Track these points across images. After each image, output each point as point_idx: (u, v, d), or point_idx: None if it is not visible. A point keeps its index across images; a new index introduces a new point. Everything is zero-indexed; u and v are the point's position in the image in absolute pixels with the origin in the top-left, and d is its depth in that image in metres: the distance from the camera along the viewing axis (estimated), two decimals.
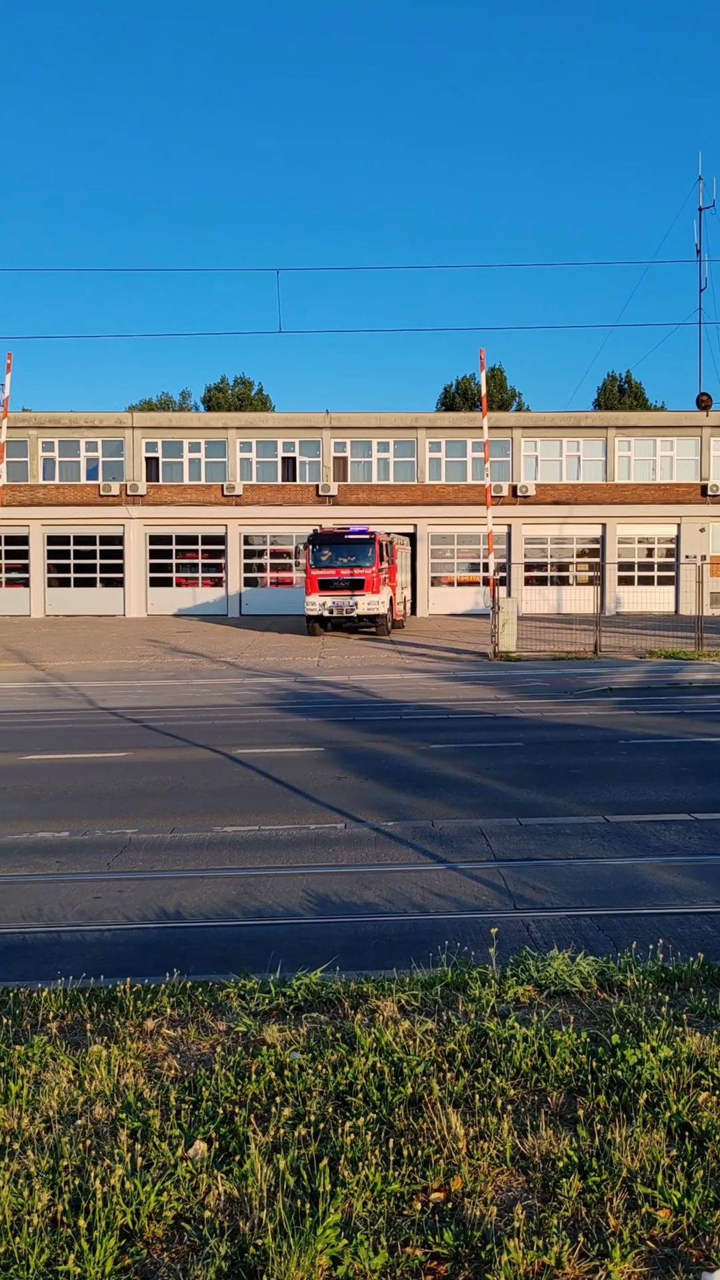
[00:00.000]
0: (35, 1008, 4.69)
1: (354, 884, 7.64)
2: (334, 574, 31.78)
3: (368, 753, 13.13)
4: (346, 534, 32.54)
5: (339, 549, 32.20)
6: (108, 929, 6.73)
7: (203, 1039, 4.22)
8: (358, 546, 32.11)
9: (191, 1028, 4.32)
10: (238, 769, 12.20)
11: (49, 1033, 4.31)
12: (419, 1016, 4.32)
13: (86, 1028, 4.37)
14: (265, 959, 6.03)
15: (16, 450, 43.14)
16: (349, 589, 31.62)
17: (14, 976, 5.86)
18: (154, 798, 10.78)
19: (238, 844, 8.88)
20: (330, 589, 31.64)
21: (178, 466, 44.68)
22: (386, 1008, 4.37)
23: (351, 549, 32.14)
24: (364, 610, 31.52)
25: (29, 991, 4.94)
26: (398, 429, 44.98)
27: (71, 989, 4.90)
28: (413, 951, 6.11)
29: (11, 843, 9.05)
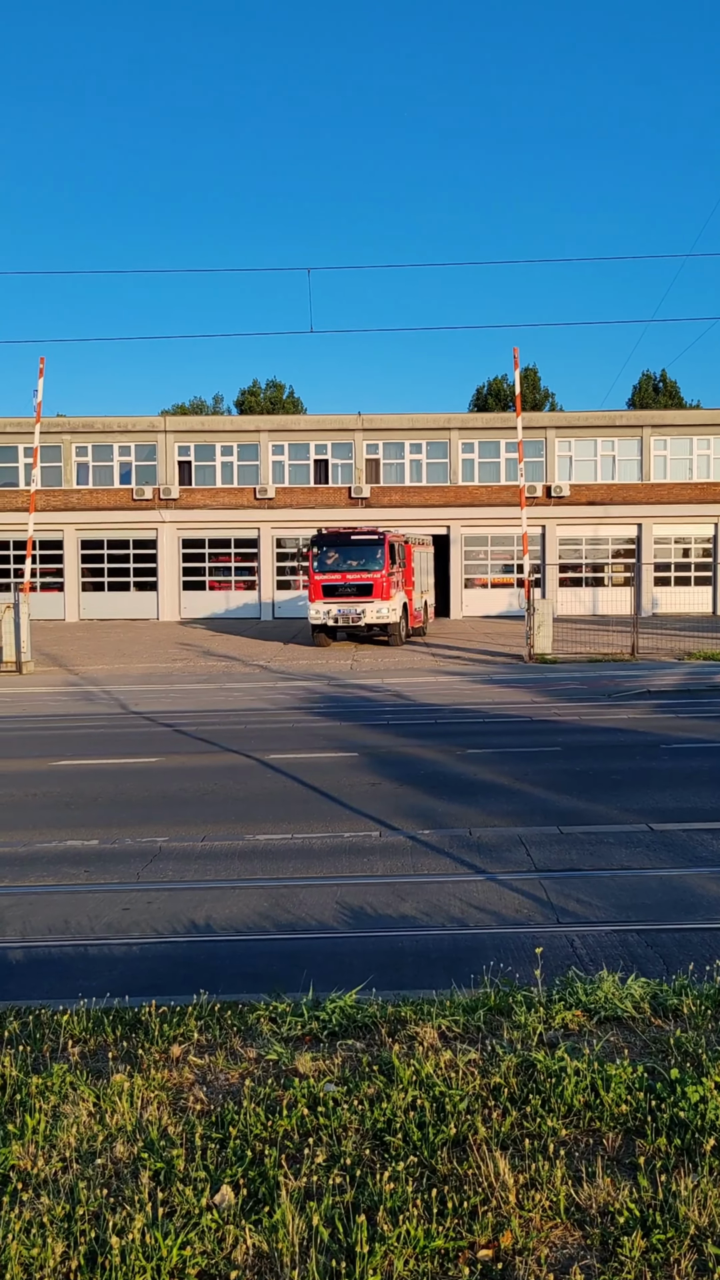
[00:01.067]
0: (57, 1031, 4.46)
1: (390, 896, 7.36)
2: (339, 578, 28.95)
3: (403, 758, 12.85)
4: (353, 535, 29.80)
5: (345, 551, 29.42)
6: (135, 943, 6.51)
7: (231, 1068, 3.96)
8: (365, 548, 29.25)
9: (220, 1055, 4.06)
10: (270, 775, 11.97)
11: (69, 1060, 4.07)
12: (461, 1045, 4.03)
13: (109, 1054, 4.13)
14: (298, 976, 5.77)
15: (51, 455, 43.33)
16: (356, 595, 28.77)
17: (38, 994, 5.65)
18: (185, 805, 10.57)
19: (270, 853, 8.63)
20: (335, 595, 28.80)
21: (210, 470, 44.66)
22: (426, 1034, 4.09)
23: (358, 551, 29.32)
24: (373, 618, 28.73)
25: (51, 1013, 4.72)
26: (430, 430, 44.68)
27: (95, 1010, 4.67)
28: (452, 969, 5.83)
29: (40, 851, 8.87)
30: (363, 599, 28.66)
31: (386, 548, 28.86)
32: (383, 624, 28.95)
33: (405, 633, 30.22)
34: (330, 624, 28.92)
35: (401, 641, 29.45)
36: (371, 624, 28.76)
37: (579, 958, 5.95)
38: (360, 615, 28.59)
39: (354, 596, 28.69)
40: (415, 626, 31.90)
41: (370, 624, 28.74)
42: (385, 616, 28.77)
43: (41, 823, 9.92)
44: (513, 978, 5.37)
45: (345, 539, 29.56)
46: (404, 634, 29.97)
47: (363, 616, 28.58)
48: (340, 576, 28.96)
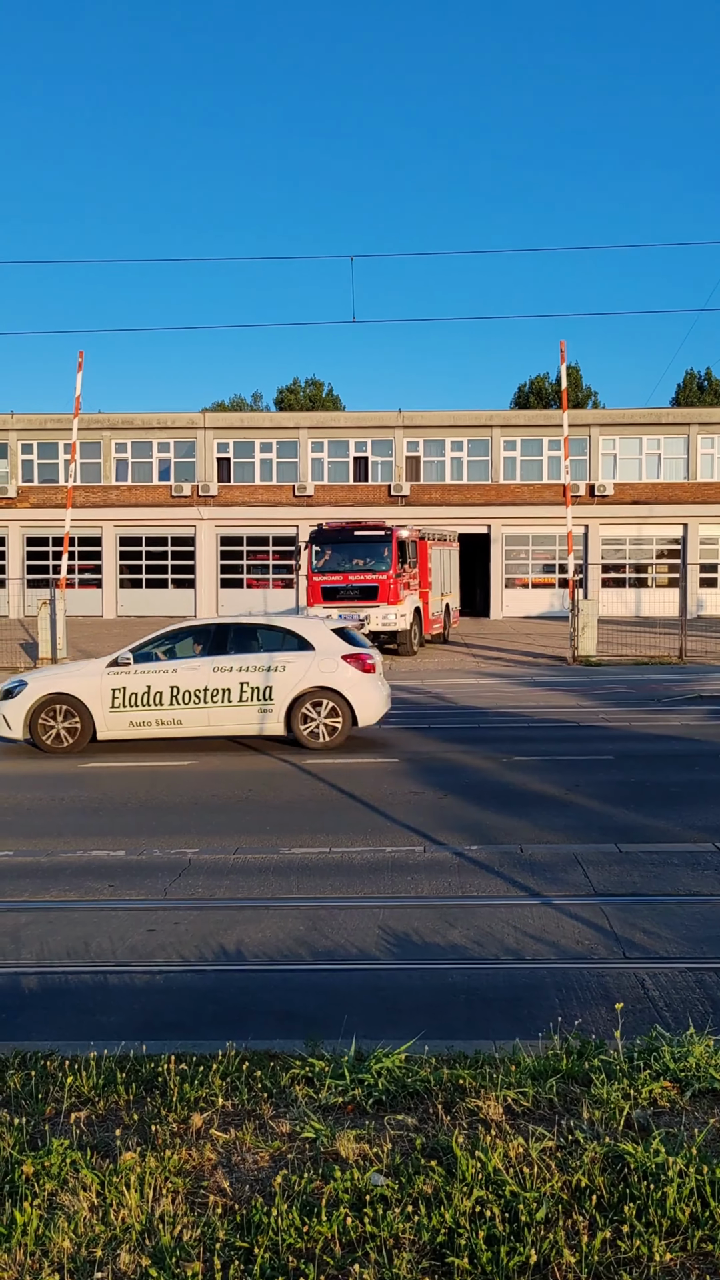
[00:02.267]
0: (63, 1087, 3.90)
1: (437, 920, 6.75)
2: (340, 580, 25.50)
3: (446, 764, 12.23)
4: (356, 530, 26.23)
5: (347, 549, 25.93)
6: (160, 970, 5.95)
7: (261, 1146, 3.37)
8: (370, 546, 25.69)
9: (248, 1128, 3.48)
10: (307, 781, 11.40)
11: (74, 1130, 3.50)
12: (532, 1126, 3.42)
13: (121, 1120, 3.57)
14: (337, 1017, 5.18)
15: (90, 452, 43.15)
16: (359, 599, 25.00)
17: (52, 1031, 5.11)
18: (217, 812, 10.02)
19: (306, 868, 8.06)
20: (336, 599, 25.10)
21: (249, 467, 44.25)
22: (490, 1109, 3.49)
23: (363, 549, 25.79)
24: (377, 625, 24.78)
25: (59, 1062, 4.16)
26: (472, 428, 43.96)
27: (108, 1061, 4.11)
28: (509, 1012, 5.22)
29: (64, 862, 8.36)
30: (367, 603, 24.96)
31: (395, 545, 25.49)
32: (390, 631, 25.35)
33: (419, 640, 26.87)
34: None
35: (413, 651, 26.03)
36: (377, 632, 24.93)
37: (651, 1000, 5.30)
38: (364, 622, 24.65)
39: (357, 600, 25.06)
40: (432, 634, 28.56)
41: (375, 632, 24.82)
42: (393, 624, 25.20)
43: (67, 830, 9.43)
44: (580, 1025, 4.74)
45: (348, 534, 26.18)
46: (416, 642, 26.57)
47: (366, 624, 24.36)
48: (342, 578, 25.62)
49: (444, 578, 30.27)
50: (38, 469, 44.10)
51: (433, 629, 28.30)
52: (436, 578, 28.81)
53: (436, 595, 28.79)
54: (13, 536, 43.38)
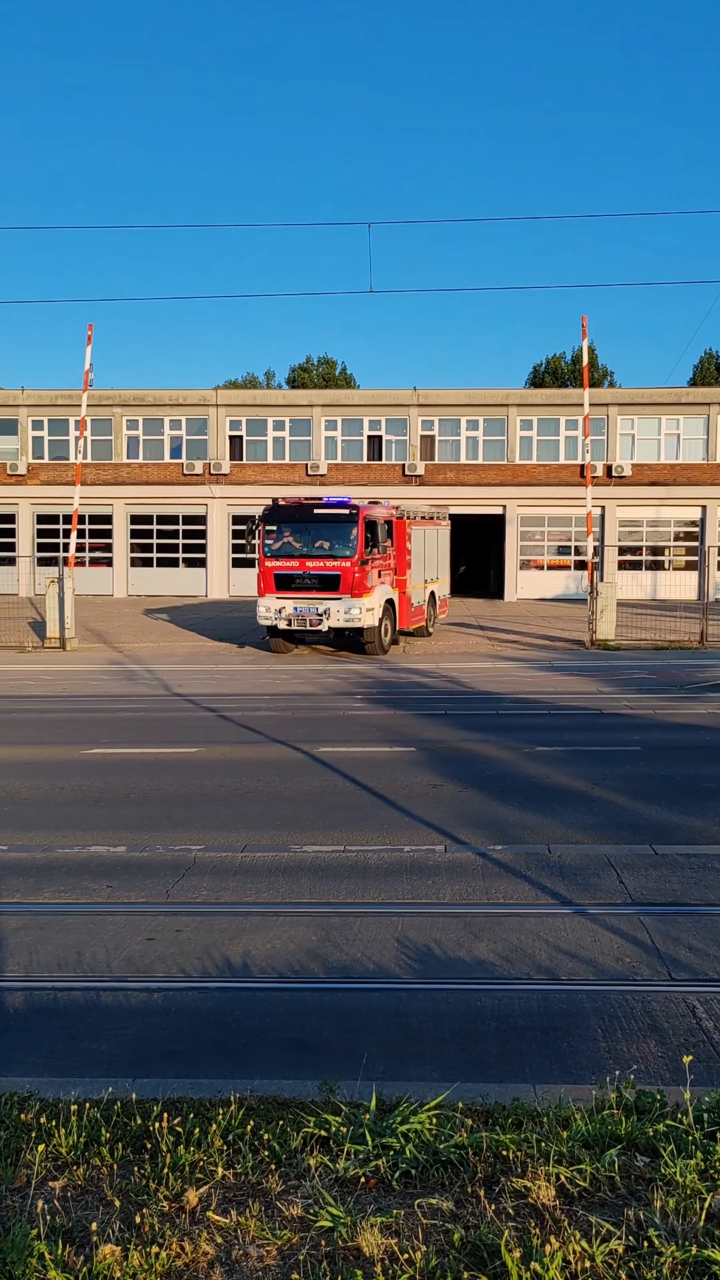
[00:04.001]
0: (41, 1140, 3.37)
1: (460, 931, 6.21)
2: (296, 566, 21.61)
3: (465, 755, 11.67)
4: (315, 508, 22.34)
5: (305, 530, 22.10)
6: (159, 987, 5.42)
7: (267, 1237, 2.82)
8: (332, 526, 21.84)
9: (251, 1211, 2.93)
10: (319, 771, 10.86)
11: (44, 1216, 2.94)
12: (594, 1217, 2.86)
13: (103, 1195, 3.02)
14: (354, 1048, 4.65)
15: (101, 429, 42.54)
16: (318, 589, 21.38)
17: (35, 1060, 4.59)
18: (225, 804, 9.49)
19: (319, 869, 7.51)
20: (291, 589, 21.53)
21: (261, 445, 43.59)
22: (540, 1191, 2.94)
23: (323, 530, 21.95)
24: (339, 620, 21.27)
25: (37, 1111, 3.63)
26: (488, 406, 43.18)
27: (91, 1111, 3.57)
28: (547, 1045, 4.67)
29: (59, 859, 7.84)
30: (327, 594, 21.33)
31: (361, 526, 21.60)
32: (354, 628, 21.69)
33: (391, 637, 22.96)
34: (283, 627, 21.80)
35: (382, 649, 22.28)
36: (338, 628, 21.57)
37: (707, 1035, 4.74)
38: (322, 617, 21.38)
39: (315, 591, 21.42)
40: (413, 627, 24.59)
41: (336, 628, 21.53)
42: (357, 619, 21.40)
43: (65, 822, 8.91)
44: (626, 1058, 4.19)
45: (306, 513, 22.25)
46: (388, 638, 22.67)
47: (325, 619, 21.36)
48: (298, 564, 21.72)
49: (429, 562, 26.21)
50: (48, 446, 43.51)
51: (413, 622, 24.50)
52: (419, 563, 24.75)
53: (419, 583, 24.87)
54: (22, 514, 42.86)
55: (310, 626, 21.70)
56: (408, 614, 23.96)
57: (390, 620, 22.97)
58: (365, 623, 21.63)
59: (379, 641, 22.29)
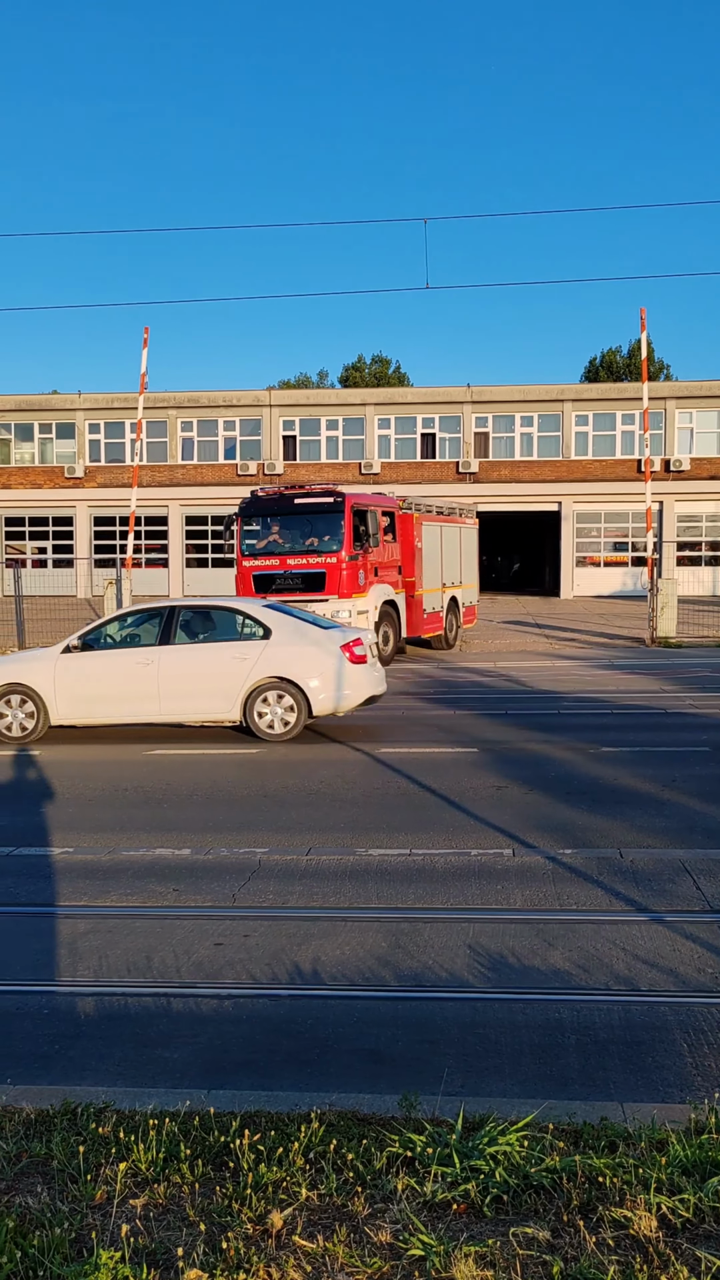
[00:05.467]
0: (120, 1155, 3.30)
1: (534, 939, 6.05)
2: (277, 565, 19.30)
3: (528, 756, 11.48)
4: (297, 498, 19.70)
5: (288, 524, 19.73)
6: (229, 994, 5.35)
7: (357, 1265, 2.70)
8: (317, 519, 19.31)
9: (338, 1236, 2.82)
10: (381, 772, 10.75)
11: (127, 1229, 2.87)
12: (700, 1251, 2.71)
13: (185, 1215, 2.93)
14: (431, 1060, 4.53)
15: (156, 431, 42.89)
16: (301, 590, 18.89)
17: (106, 1069, 4.53)
18: (288, 806, 9.42)
19: (385, 872, 7.40)
20: (271, 589, 19.11)
21: (315, 445, 43.64)
22: (641, 1222, 2.79)
23: (307, 523, 19.52)
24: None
25: (115, 1121, 3.57)
26: (542, 402, 42.75)
27: (170, 1125, 3.49)
28: (631, 1059, 4.51)
29: (126, 861, 7.82)
30: (311, 595, 18.73)
31: (349, 516, 19.01)
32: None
33: (394, 647, 20.26)
34: None
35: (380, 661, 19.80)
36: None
37: None
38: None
39: (299, 593, 18.81)
40: (428, 634, 21.92)
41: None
42: (344, 622, 18.44)
43: (130, 824, 8.90)
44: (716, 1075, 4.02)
45: (287, 503, 19.71)
46: (387, 649, 19.87)
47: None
48: (279, 562, 19.31)
49: (449, 564, 23.35)
50: (104, 449, 43.98)
51: (426, 629, 21.69)
52: (433, 563, 22.20)
53: (433, 586, 22.19)
54: (80, 516, 43.38)
55: None
56: (418, 620, 21.36)
57: (393, 627, 20.32)
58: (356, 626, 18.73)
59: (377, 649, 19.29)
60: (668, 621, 24.36)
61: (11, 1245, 2.81)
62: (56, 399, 45.14)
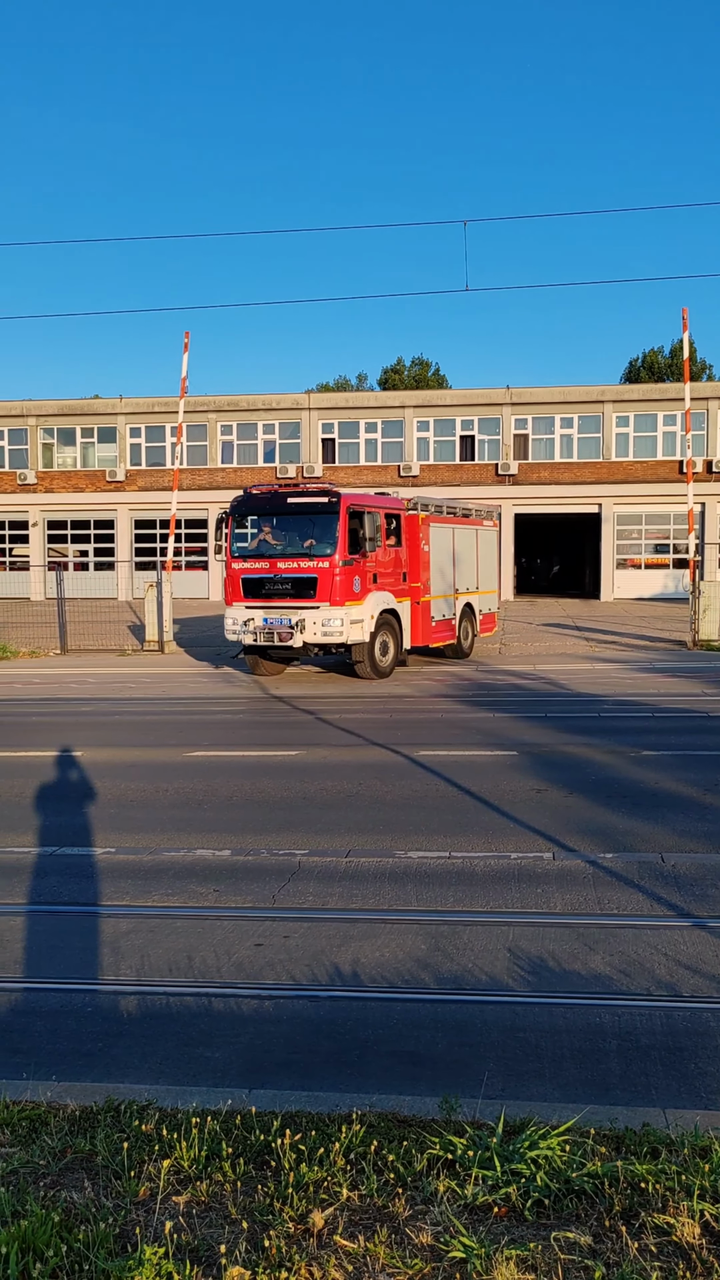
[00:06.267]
0: (163, 1153, 3.34)
1: (574, 942, 6.03)
2: (266, 568, 18.10)
3: (568, 759, 11.42)
4: (290, 495, 18.37)
5: (279, 524, 18.56)
6: (269, 994, 5.38)
7: (398, 1266, 2.72)
8: (310, 519, 18.06)
9: (379, 1237, 2.84)
10: (420, 775, 10.74)
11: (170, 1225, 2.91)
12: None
13: (227, 1213, 2.96)
14: (471, 1064, 4.53)
15: (196, 434, 43.19)
16: (291, 596, 17.79)
17: (149, 1067, 4.58)
18: (327, 808, 9.45)
19: (424, 875, 7.40)
20: (260, 595, 18.02)
21: (354, 447, 43.73)
22: (684, 1229, 2.78)
23: (299, 523, 18.26)
24: (314, 634, 17.48)
25: (157, 1119, 3.61)
26: (582, 403, 42.52)
27: (212, 1124, 3.53)
28: (673, 1065, 4.47)
29: (167, 862, 7.89)
30: (302, 602, 17.68)
31: (344, 517, 17.73)
32: (335, 643, 17.89)
33: (394, 658, 19.17)
34: (252, 642, 18.17)
35: (380, 673, 18.59)
36: (316, 644, 17.89)
37: None
38: (293, 630, 17.57)
39: (289, 598, 17.80)
40: (437, 645, 20.87)
41: (313, 644, 17.85)
42: (338, 633, 17.53)
43: (170, 825, 8.98)
44: None
45: (279, 502, 18.43)
46: (386, 660, 18.88)
47: (297, 632, 17.56)
48: (268, 565, 18.11)
49: (464, 568, 22.05)
50: (145, 452, 44.38)
51: (434, 638, 20.55)
52: (443, 567, 20.92)
53: (443, 592, 20.93)
54: (121, 520, 43.80)
55: (280, 641, 17.78)
56: (424, 628, 20.10)
57: (392, 636, 19.08)
58: (350, 637, 17.70)
59: (372, 662, 18.38)
60: (710, 624, 24.12)
61: (57, 1239, 2.86)
62: (98, 403, 45.64)
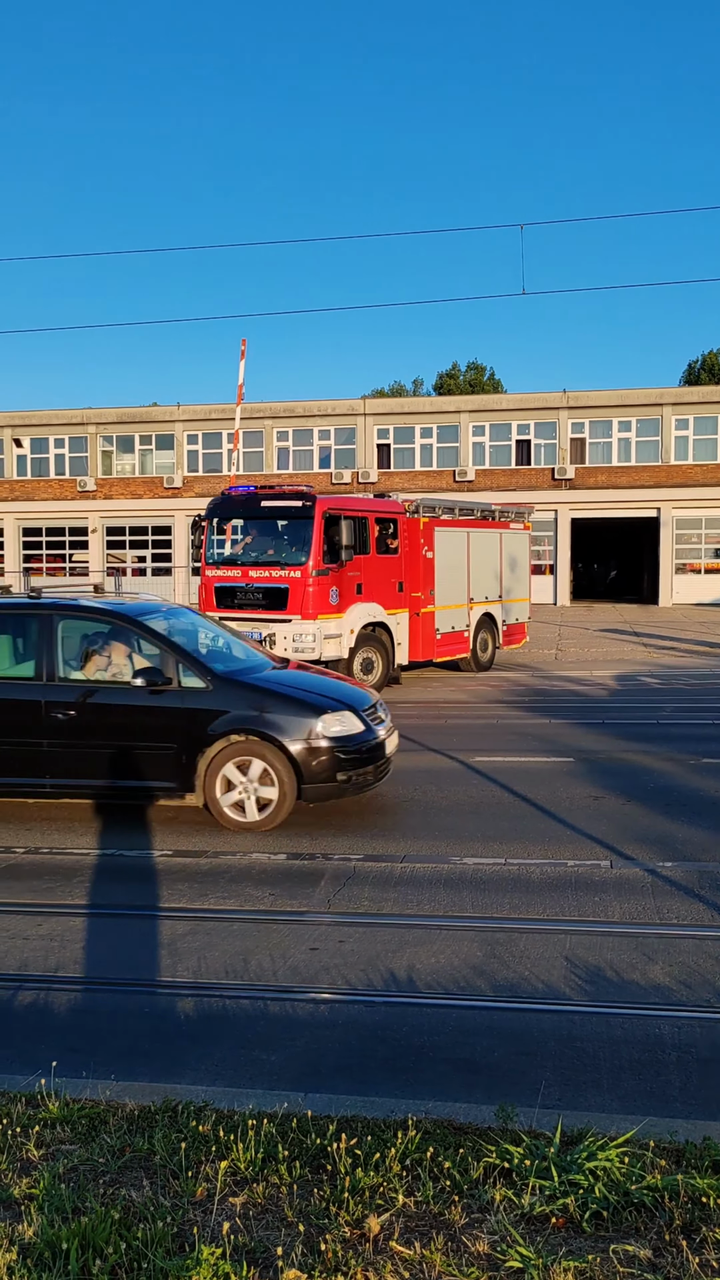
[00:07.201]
0: (219, 1154, 3.36)
1: (632, 952, 5.95)
2: (239, 576, 16.66)
3: (625, 766, 11.29)
4: (265, 498, 17.02)
5: (256, 529, 17.34)
6: (324, 999, 5.39)
7: (454, 1274, 2.69)
8: (285, 525, 16.88)
9: (435, 1244, 2.83)
10: (476, 781, 10.70)
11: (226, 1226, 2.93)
12: None
13: (283, 1215, 2.98)
14: (527, 1073, 4.49)
15: (252, 440, 43.53)
16: (264, 607, 16.33)
17: (206, 1069, 4.62)
18: (382, 813, 9.45)
19: (480, 882, 7.37)
20: (233, 604, 16.56)
21: (409, 453, 43.72)
22: None
23: (272, 528, 17.09)
24: (286, 651, 15.76)
25: (214, 1121, 3.63)
26: (641, 406, 42.05)
27: (268, 1126, 3.54)
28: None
29: (223, 865, 7.95)
30: (273, 614, 16.23)
31: (319, 523, 16.21)
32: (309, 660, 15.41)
33: (384, 674, 17.33)
34: None
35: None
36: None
37: None
38: (261, 645, 15.10)
39: (260, 610, 16.37)
40: (443, 658, 19.28)
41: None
42: (310, 648, 15.85)
43: (224, 828, 9.03)
44: None
45: (253, 505, 17.10)
46: (374, 677, 17.11)
47: (265, 647, 15.15)
48: (241, 573, 16.70)
49: (479, 575, 20.23)
50: (202, 459, 44.83)
51: (441, 652, 19.02)
52: (452, 575, 19.22)
53: (452, 600, 19.23)
54: (178, 526, 44.27)
55: None
56: (426, 642, 18.47)
57: (379, 653, 17.20)
58: (325, 654, 15.95)
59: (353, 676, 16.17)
60: None
61: (117, 1237, 2.90)
62: (156, 411, 46.21)
